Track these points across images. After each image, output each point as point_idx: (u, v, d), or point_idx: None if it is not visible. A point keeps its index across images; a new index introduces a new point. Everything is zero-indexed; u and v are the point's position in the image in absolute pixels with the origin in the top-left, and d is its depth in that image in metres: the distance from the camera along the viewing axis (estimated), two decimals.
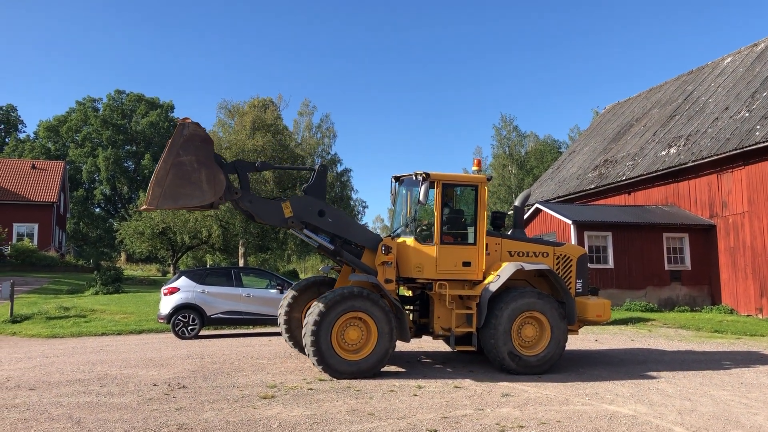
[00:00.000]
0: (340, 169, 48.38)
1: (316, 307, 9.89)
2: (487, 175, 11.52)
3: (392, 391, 9.02)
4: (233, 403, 8.14)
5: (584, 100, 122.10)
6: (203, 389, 9.00)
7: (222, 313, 16.17)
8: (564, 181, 32.43)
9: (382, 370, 10.28)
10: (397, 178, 11.97)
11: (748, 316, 21.59)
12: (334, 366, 9.85)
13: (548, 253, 11.64)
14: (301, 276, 57.97)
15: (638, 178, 26.56)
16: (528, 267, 10.96)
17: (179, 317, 15.83)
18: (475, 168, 11.79)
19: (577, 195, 30.16)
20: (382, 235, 11.53)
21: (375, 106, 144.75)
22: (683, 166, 24.32)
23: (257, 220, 10.47)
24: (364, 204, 70.36)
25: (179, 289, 16.07)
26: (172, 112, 75.05)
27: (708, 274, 23.64)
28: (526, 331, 10.79)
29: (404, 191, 11.90)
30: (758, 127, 21.79)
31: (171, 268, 46.46)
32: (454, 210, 11.47)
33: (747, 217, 22.05)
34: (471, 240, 11.13)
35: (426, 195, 10.49)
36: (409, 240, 10.98)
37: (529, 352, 10.73)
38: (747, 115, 23.29)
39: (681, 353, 13.55)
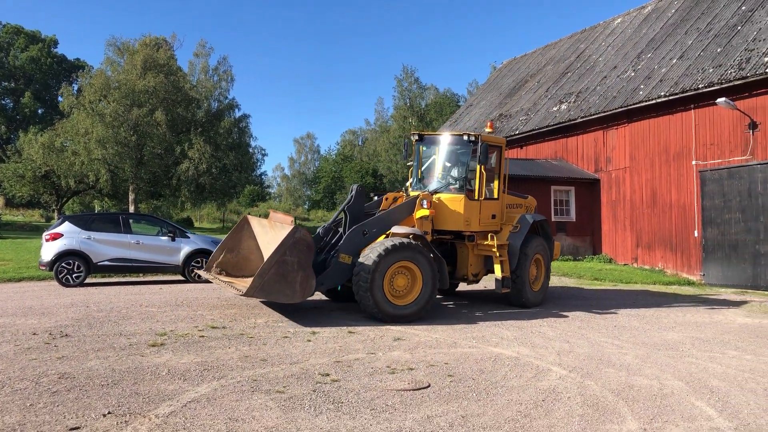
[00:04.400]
0: (238, 114, 47.09)
1: (369, 258, 10.43)
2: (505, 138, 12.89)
3: (286, 337, 9.04)
4: (120, 351, 7.89)
5: (484, 54, 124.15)
6: (88, 338, 8.67)
7: (109, 260, 15.54)
8: None
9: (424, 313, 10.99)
10: (420, 136, 12.88)
11: (624, 265, 23.10)
12: (387, 311, 10.50)
13: (521, 204, 13.61)
14: (196, 224, 56.53)
15: (530, 133, 27.46)
16: (537, 219, 13.03)
17: (63, 264, 15.09)
18: (488, 130, 12.97)
19: None
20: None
21: (276, 52, 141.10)
22: (573, 122, 25.33)
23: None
24: (263, 152, 68.95)
25: (63, 235, 15.28)
26: (56, 47, 70.01)
27: (591, 226, 25.01)
28: (532, 270, 12.89)
29: (440, 149, 12.87)
30: (642, 86, 22.95)
31: (55, 214, 44.09)
32: (489, 168, 12.58)
33: (628, 172, 23.36)
34: (496, 195, 12.76)
35: (486, 156, 11.78)
36: (457, 196, 12.05)
37: (535, 288, 12.97)
38: (633, 74, 24.45)
39: (563, 300, 14.34)
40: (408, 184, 13.59)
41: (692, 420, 5.81)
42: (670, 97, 20.97)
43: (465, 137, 12.17)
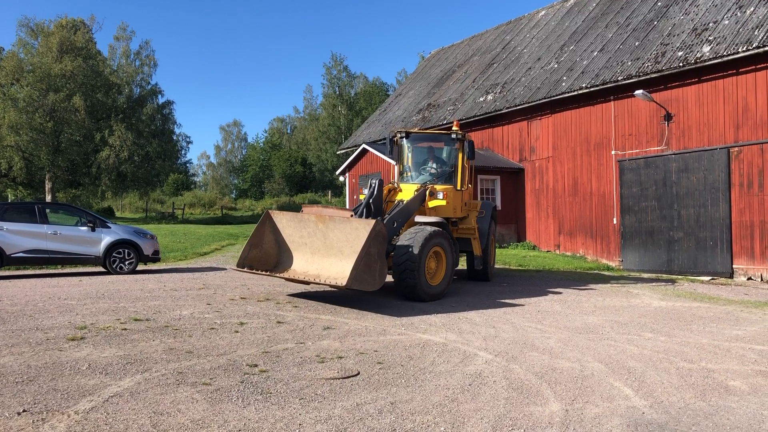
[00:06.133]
0: (161, 100, 45.77)
1: (414, 245, 11.32)
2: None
3: (213, 329, 8.87)
4: (36, 346, 7.56)
5: (412, 44, 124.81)
6: (0, 333, 8.25)
7: (24, 251, 14.86)
8: (390, 123, 33.15)
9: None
10: (406, 134, 14.15)
11: (547, 251, 23.79)
12: (427, 291, 11.67)
13: (470, 193, 15.06)
14: (117, 214, 54.69)
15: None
16: (492, 205, 15.18)
17: None
18: (455, 128, 14.21)
19: None
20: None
21: (200, 37, 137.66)
22: (498, 113, 25.81)
23: None
24: (188, 139, 67.35)
25: None
26: None
27: (515, 214, 25.61)
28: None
29: (426, 145, 14.37)
30: (564, 78, 23.60)
31: None
32: (467, 161, 14.03)
33: (551, 161, 24.02)
34: (465, 186, 14.20)
35: (473, 151, 13.53)
36: (448, 187, 13.45)
37: (491, 264, 15.51)
38: (556, 66, 25.10)
39: (489, 285, 14.65)
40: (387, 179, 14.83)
41: (611, 400, 6.04)
42: (591, 89, 21.65)
43: (453, 135, 13.80)
